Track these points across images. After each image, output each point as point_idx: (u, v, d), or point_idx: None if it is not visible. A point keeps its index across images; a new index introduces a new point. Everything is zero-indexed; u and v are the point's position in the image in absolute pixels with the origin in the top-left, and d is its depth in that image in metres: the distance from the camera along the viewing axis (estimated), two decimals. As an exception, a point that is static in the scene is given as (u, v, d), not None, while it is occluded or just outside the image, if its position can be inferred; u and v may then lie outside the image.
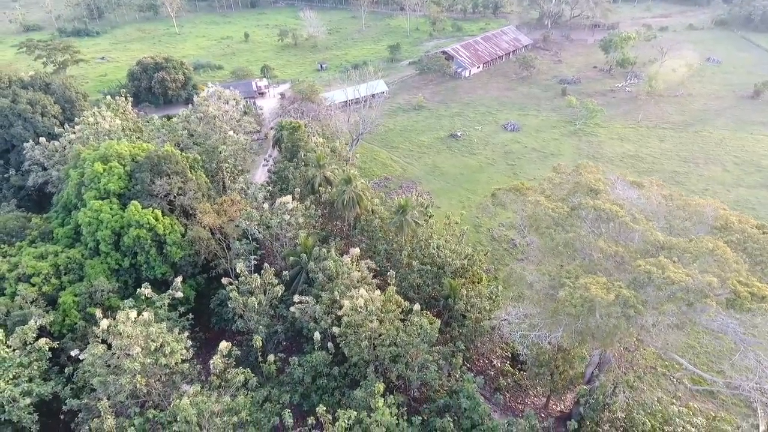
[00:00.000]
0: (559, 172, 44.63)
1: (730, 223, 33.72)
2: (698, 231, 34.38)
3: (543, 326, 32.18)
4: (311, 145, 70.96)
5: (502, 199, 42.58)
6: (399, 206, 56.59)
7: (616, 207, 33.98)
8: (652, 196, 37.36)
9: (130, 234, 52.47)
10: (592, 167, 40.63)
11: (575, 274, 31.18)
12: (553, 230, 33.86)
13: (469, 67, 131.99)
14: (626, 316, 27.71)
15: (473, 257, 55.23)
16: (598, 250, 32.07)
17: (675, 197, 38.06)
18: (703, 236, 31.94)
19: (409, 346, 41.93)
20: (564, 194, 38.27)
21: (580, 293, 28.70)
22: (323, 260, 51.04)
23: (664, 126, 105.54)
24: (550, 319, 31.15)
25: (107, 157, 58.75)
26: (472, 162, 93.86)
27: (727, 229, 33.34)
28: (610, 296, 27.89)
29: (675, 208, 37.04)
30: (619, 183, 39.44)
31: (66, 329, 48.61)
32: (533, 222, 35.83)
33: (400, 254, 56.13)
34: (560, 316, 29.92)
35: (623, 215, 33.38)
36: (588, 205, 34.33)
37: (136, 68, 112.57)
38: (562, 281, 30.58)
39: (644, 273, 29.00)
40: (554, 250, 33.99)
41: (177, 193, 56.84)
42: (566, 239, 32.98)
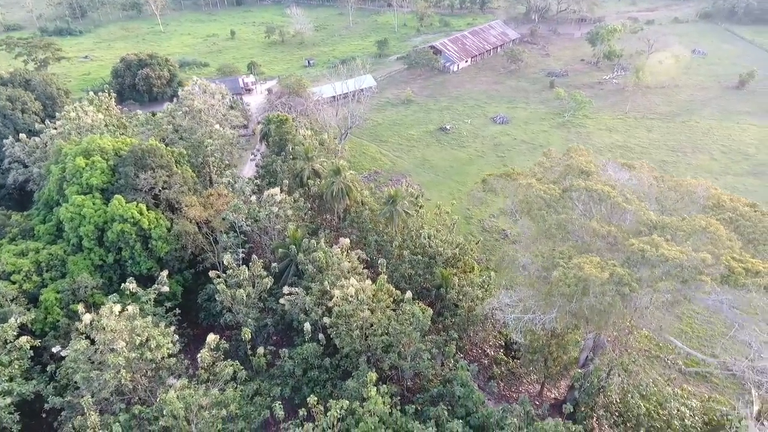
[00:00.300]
0: (550, 157, 44.16)
1: (721, 201, 33.50)
2: (690, 211, 34.12)
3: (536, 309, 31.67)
4: (299, 138, 69.99)
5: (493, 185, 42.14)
6: (389, 197, 55.92)
7: (608, 188, 33.60)
8: (644, 177, 37.07)
9: (113, 229, 51.22)
10: (583, 150, 40.30)
11: (568, 254, 30.69)
12: (545, 212, 33.35)
13: (457, 62, 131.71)
14: (621, 294, 27.28)
15: (465, 247, 54.70)
16: (590, 230, 31.63)
17: (666, 179, 37.81)
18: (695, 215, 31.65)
19: (402, 335, 41.24)
20: (555, 177, 37.85)
21: (573, 273, 28.21)
22: (313, 252, 50.20)
23: (652, 117, 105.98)
24: (543, 302, 30.65)
25: (89, 152, 57.37)
26: (461, 155, 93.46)
27: (719, 208, 33.10)
28: (605, 274, 27.44)
29: (666, 189, 36.77)
30: (610, 165, 39.14)
31: (48, 327, 47.28)
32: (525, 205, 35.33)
33: (391, 245, 55.44)
34: (554, 298, 29.42)
35: (615, 196, 32.99)
36: (580, 186, 33.91)
37: (120, 65, 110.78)
38: (556, 262, 30.08)
39: (638, 251, 28.60)
40: (546, 232, 33.51)
41: (162, 187, 55.65)
42: (558, 220, 32.50)
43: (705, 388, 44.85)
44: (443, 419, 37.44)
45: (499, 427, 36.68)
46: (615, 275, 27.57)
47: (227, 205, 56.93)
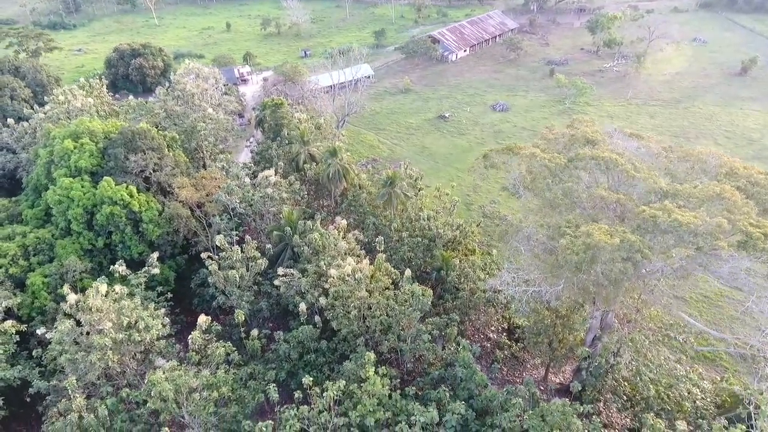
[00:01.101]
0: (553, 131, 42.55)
1: (735, 169, 31.99)
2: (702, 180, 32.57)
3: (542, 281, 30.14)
4: (295, 122, 68.30)
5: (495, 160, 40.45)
6: (387, 178, 54.29)
7: (616, 156, 32.03)
8: (652, 147, 35.52)
9: (103, 212, 49.57)
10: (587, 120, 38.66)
11: (575, 223, 29.16)
12: (550, 181, 31.81)
13: (455, 51, 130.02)
14: (632, 261, 25.75)
15: (465, 229, 53.10)
16: (598, 199, 30.07)
17: (675, 149, 36.25)
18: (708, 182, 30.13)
19: (401, 316, 39.68)
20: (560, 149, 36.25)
21: (582, 240, 26.65)
22: (309, 234, 48.58)
23: (654, 103, 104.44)
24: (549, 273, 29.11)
25: (78, 134, 55.69)
26: (461, 142, 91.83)
27: (732, 176, 31.58)
28: (615, 241, 25.89)
29: (676, 159, 35.20)
30: (617, 134, 37.57)
31: (35, 312, 45.63)
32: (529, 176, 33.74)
33: (389, 228, 53.82)
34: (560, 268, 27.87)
35: (623, 164, 31.43)
36: (586, 155, 32.33)
37: (113, 55, 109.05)
38: (562, 231, 28.52)
39: (649, 218, 27.05)
40: (551, 202, 31.94)
41: (153, 169, 53.97)
42: (564, 189, 30.95)
43: (715, 371, 43.34)
44: (445, 401, 35.90)
45: (503, 409, 35.13)
46: (626, 241, 26.01)
47: (220, 188, 55.28)
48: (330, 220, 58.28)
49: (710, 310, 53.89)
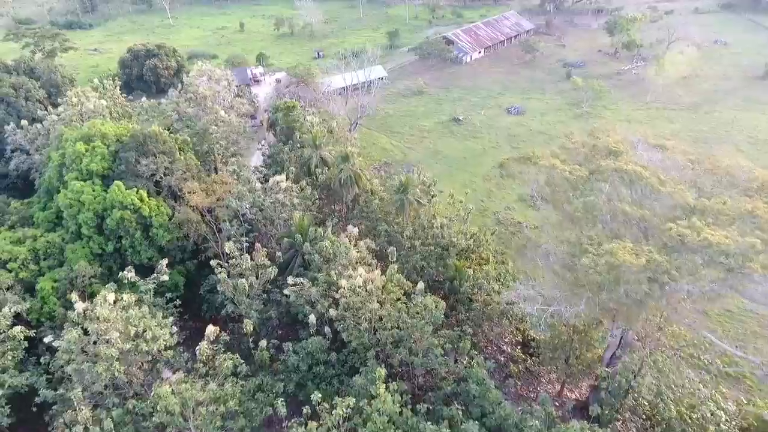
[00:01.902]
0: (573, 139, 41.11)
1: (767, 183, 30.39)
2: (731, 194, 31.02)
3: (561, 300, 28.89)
4: (307, 125, 67.54)
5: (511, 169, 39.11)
6: (400, 184, 53.24)
7: (640, 168, 30.61)
8: (677, 158, 34.00)
9: (113, 216, 49.25)
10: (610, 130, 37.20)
11: (598, 240, 27.88)
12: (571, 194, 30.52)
13: (470, 52, 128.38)
14: (659, 283, 24.43)
15: (479, 237, 51.82)
16: (621, 214, 28.73)
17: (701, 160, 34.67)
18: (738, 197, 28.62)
19: (413, 329, 38.60)
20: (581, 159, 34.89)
21: (605, 259, 25.38)
22: (319, 241, 47.72)
23: (674, 107, 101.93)
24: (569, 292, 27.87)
25: (90, 137, 55.52)
26: (475, 146, 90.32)
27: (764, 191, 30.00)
28: (640, 261, 24.60)
29: (702, 172, 33.65)
30: (641, 145, 36.06)
31: (44, 317, 45.45)
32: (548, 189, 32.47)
33: (401, 235, 52.73)
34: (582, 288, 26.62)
35: (648, 177, 30.02)
36: (609, 167, 30.97)
37: (127, 56, 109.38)
38: (584, 248, 27.29)
39: (677, 236, 25.67)
40: (572, 216, 30.66)
41: (164, 174, 53.55)
42: (585, 203, 29.63)
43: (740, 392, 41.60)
44: (457, 420, 34.76)
45: (518, 429, 33.92)
46: (652, 262, 24.70)
47: (231, 193, 54.68)
48: (341, 225, 57.41)
49: (733, 326, 52.01)
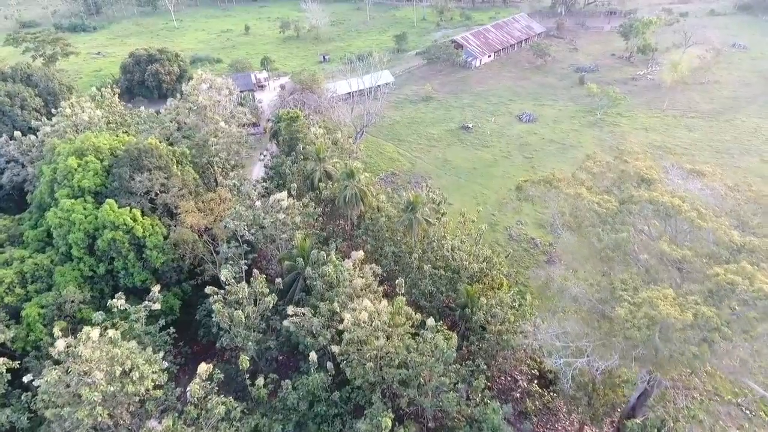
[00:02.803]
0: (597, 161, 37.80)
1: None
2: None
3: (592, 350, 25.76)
4: (310, 137, 64.60)
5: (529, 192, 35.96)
6: (408, 203, 50.15)
7: (677, 200, 27.39)
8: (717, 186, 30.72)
9: (104, 237, 46.58)
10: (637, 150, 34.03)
11: (633, 285, 24.76)
12: (601, 229, 27.37)
13: (479, 56, 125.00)
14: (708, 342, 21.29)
15: (492, 260, 48.62)
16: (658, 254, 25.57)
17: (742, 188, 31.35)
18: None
19: (422, 367, 35.55)
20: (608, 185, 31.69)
21: (644, 311, 22.25)
22: (322, 265, 44.76)
23: (692, 115, 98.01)
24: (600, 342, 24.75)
25: (83, 151, 52.94)
26: (485, 155, 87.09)
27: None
28: (686, 316, 21.45)
29: (744, 202, 30.32)
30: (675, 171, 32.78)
31: (30, 346, 42.81)
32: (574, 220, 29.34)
33: (409, 257, 49.70)
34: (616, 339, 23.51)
35: (687, 210, 26.78)
36: (642, 198, 27.79)
37: (129, 61, 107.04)
38: (617, 294, 24.17)
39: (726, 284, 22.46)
40: (600, 253, 27.52)
41: (159, 191, 50.80)
42: (617, 240, 26.50)
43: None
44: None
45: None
46: (700, 316, 21.55)
47: (229, 211, 51.89)
48: (346, 245, 54.55)
49: None
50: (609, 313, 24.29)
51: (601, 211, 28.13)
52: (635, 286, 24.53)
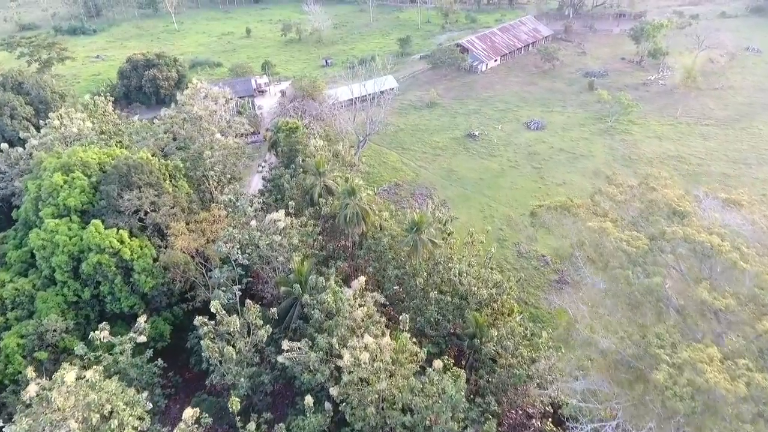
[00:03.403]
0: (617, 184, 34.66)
1: None
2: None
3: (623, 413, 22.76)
4: (310, 149, 61.70)
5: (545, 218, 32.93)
6: (413, 223, 47.13)
7: (716, 238, 24.33)
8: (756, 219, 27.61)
9: (89, 261, 43.77)
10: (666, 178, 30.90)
11: (670, 340, 21.76)
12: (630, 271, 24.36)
13: (485, 61, 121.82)
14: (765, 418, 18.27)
15: (502, 285, 45.53)
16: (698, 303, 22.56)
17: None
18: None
19: (428, 411, 32.58)
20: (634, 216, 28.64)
21: (687, 377, 19.25)
22: (321, 291, 41.82)
23: (707, 122, 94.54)
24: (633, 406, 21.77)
25: (70, 167, 50.19)
26: (492, 165, 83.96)
27: None
28: (739, 387, 18.45)
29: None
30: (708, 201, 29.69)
31: (8, 379, 40.13)
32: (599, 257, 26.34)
33: (414, 280, 46.69)
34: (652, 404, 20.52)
35: (728, 250, 23.73)
36: (676, 235, 24.75)
37: (126, 66, 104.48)
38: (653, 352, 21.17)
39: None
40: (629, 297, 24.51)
41: (149, 209, 47.96)
42: (649, 286, 23.50)
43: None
44: None
45: None
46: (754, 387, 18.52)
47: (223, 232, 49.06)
48: (347, 266, 51.67)
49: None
50: (644, 371, 21.31)
51: (631, 250, 25.12)
52: (673, 342, 21.51)
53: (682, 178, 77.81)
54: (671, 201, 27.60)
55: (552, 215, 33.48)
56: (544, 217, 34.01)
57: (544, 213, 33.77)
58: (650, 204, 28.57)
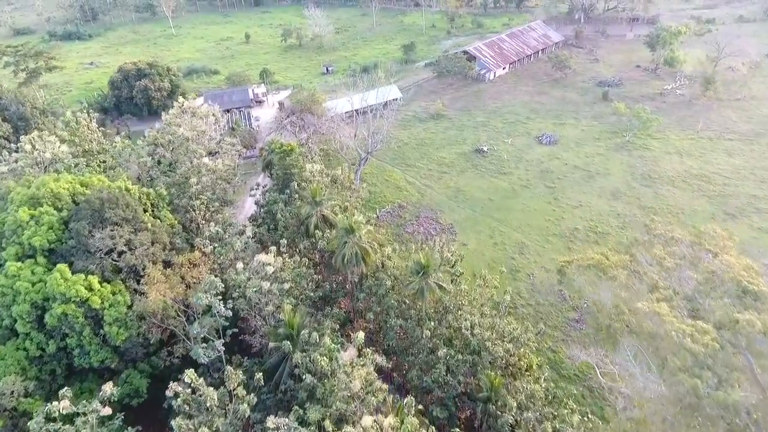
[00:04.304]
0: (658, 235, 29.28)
1: None
2: None
3: None
4: (306, 174, 56.65)
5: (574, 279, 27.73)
6: (419, 266, 41.97)
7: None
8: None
9: (53, 312, 38.80)
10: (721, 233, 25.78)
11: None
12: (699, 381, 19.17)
13: (493, 69, 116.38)
14: None
15: (520, 339, 40.26)
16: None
17: None
18: None
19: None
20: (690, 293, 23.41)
21: None
22: (314, 350, 36.71)
23: (730, 137, 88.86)
24: None
25: (39, 199, 45.34)
26: (502, 184, 78.64)
27: None
28: None
29: None
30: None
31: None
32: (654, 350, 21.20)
33: (420, 331, 41.57)
34: None
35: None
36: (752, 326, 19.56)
37: (117, 76, 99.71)
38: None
39: None
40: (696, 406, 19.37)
41: (124, 249, 42.92)
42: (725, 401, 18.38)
43: None
44: None
45: None
46: None
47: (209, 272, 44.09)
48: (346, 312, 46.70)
49: None
50: None
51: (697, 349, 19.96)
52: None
53: (708, 200, 72.46)
54: (738, 275, 22.43)
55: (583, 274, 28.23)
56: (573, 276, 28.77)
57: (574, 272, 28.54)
58: (710, 276, 23.42)
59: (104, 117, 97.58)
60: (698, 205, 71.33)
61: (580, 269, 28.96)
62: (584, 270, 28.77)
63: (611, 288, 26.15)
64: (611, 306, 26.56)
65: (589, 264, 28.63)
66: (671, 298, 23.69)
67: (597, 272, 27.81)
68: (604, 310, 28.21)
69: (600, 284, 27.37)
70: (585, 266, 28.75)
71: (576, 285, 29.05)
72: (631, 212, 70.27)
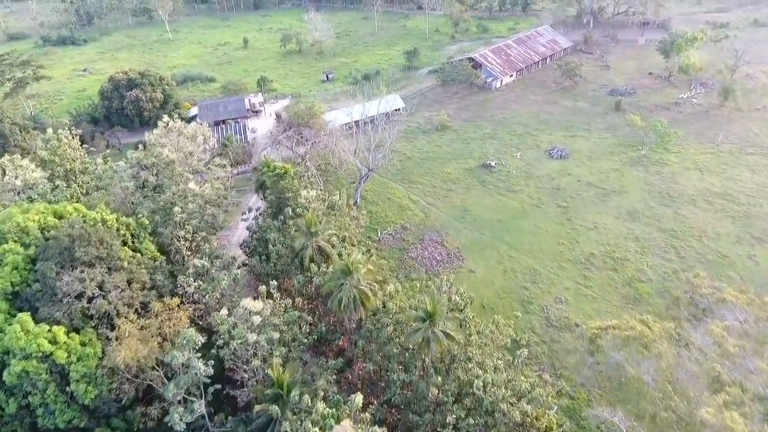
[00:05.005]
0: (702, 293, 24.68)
1: None
2: None
3: None
4: (301, 200, 52.25)
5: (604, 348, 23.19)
6: (424, 313, 37.46)
7: None
8: None
9: (12, 369, 34.42)
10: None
11: None
12: None
13: (500, 76, 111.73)
14: None
15: (538, 397, 35.70)
16: None
17: None
18: None
19: None
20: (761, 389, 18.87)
21: None
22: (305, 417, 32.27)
23: (752, 150, 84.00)
24: None
25: (3, 235, 40.97)
26: (512, 203, 74.01)
27: None
28: None
29: None
30: None
31: None
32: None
33: (425, 384, 37.10)
34: None
35: None
36: None
37: (108, 86, 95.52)
38: None
39: None
40: None
41: (95, 293, 38.53)
42: None
43: None
44: None
45: None
46: None
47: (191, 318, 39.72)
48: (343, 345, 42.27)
49: None
50: None
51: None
52: None
53: (732, 222, 67.69)
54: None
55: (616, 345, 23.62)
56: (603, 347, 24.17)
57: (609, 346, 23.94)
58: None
59: (94, 129, 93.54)
60: (722, 227, 66.57)
61: (619, 343, 24.24)
62: (621, 343, 24.15)
63: (659, 371, 21.53)
64: (658, 390, 22.02)
65: (625, 335, 24.02)
66: (741, 399, 19.02)
67: (639, 348, 23.27)
68: (647, 392, 23.51)
69: (643, 363, 22.81)
70: (621, 338, 24.13)
71: (612, 362, 24.43)
72: (650, 235, 65.59)
